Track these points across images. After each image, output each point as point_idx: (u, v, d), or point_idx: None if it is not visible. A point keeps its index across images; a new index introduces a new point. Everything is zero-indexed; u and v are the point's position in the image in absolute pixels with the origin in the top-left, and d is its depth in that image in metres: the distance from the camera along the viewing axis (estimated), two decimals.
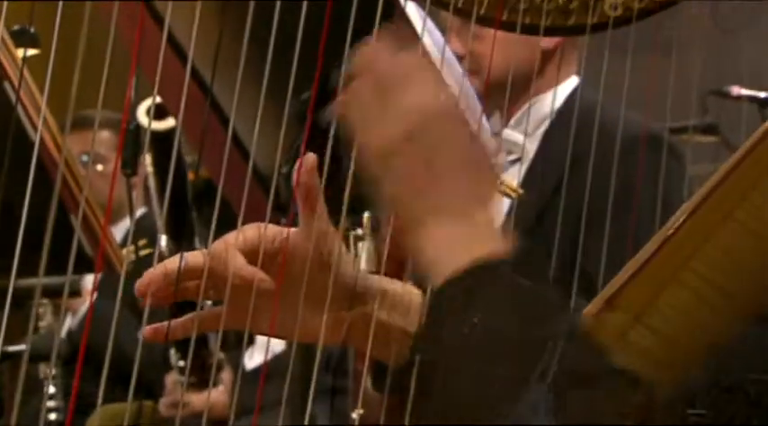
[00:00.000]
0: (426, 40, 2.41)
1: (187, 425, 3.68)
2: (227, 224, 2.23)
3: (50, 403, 4.00)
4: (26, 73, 2.80)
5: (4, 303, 2.50)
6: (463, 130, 1.15)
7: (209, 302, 3.25)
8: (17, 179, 2.05)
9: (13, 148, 2.18)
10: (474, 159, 1.15)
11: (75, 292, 4.05)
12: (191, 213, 3.75)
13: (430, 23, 2.44)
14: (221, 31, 1.97)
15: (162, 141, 3.62)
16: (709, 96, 3.24)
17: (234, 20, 1.94)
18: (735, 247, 1.15)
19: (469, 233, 1.11)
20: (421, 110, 1.13)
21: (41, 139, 2.65)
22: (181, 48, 2.38)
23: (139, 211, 4.41)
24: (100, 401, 2.64)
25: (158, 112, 3.41)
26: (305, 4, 1.73)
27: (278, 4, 1.73)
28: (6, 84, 2.80)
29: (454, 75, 2.61)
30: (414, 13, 2.44)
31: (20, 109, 2.68)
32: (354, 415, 2.99)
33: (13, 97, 2.73)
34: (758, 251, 1.11)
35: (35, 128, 2.69)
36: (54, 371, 4.00)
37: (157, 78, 2.04)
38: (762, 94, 3.10)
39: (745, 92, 3.09)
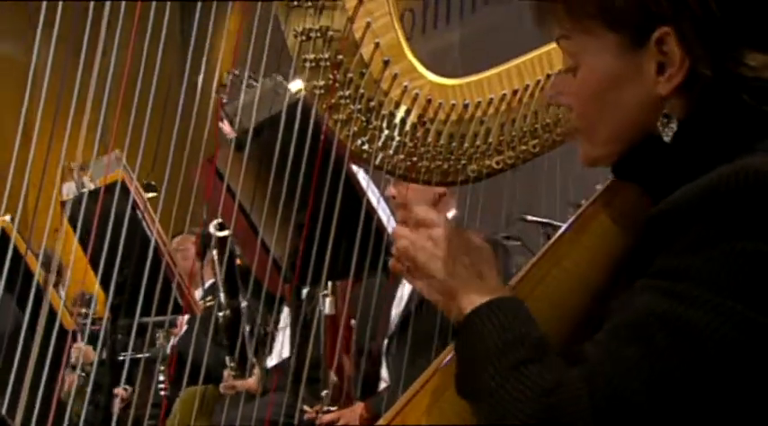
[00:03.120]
0: (370, 193, 2.54)
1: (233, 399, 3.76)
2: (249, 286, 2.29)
3: (161, 386, 4.06)
4: (150, 208, 2.89)
5: (135, 331, 2.64)
6: (465, 240, 1.17)
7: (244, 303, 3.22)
8: (139, 264, 2.25)
9: (140, 249, 2.38)
10: (478, 255, 1.17)
11: (175, 325, 4.20)
12: (237, 283, 3.80)
13: (371, 183, 2.55)
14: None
15: (222, 243, 3.62)
16: (516, 220, 3.43)
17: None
18: (560, 285, 1.17)
19: (485, 291, 1.13)
20: (442, 237, 1.16)
21: (157, 243, 2.71)
22: (234, 193, 2.46)
23: (210, 281, 4.36)
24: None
25: (220, 227, 3.41)
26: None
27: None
28: (139, 213, 2.86)
29: (386, 213, 2.77)
30: (363, 176, 2.56)
31: (146, 227, 2.78)
32: (323, 394, 3.04)
33: (143, 222, 2.82)
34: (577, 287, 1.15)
35: (152, 236, 2.74)
36: (163, 368, 4.04)
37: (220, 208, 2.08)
38: (540, 219, 3.28)
39: (532, 218, 3.28)
